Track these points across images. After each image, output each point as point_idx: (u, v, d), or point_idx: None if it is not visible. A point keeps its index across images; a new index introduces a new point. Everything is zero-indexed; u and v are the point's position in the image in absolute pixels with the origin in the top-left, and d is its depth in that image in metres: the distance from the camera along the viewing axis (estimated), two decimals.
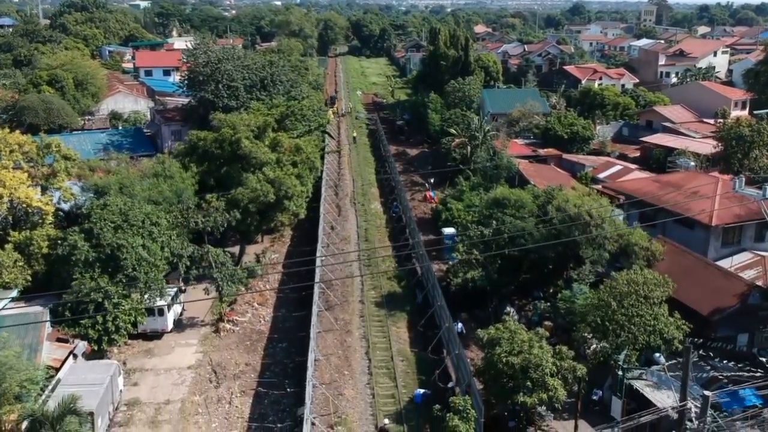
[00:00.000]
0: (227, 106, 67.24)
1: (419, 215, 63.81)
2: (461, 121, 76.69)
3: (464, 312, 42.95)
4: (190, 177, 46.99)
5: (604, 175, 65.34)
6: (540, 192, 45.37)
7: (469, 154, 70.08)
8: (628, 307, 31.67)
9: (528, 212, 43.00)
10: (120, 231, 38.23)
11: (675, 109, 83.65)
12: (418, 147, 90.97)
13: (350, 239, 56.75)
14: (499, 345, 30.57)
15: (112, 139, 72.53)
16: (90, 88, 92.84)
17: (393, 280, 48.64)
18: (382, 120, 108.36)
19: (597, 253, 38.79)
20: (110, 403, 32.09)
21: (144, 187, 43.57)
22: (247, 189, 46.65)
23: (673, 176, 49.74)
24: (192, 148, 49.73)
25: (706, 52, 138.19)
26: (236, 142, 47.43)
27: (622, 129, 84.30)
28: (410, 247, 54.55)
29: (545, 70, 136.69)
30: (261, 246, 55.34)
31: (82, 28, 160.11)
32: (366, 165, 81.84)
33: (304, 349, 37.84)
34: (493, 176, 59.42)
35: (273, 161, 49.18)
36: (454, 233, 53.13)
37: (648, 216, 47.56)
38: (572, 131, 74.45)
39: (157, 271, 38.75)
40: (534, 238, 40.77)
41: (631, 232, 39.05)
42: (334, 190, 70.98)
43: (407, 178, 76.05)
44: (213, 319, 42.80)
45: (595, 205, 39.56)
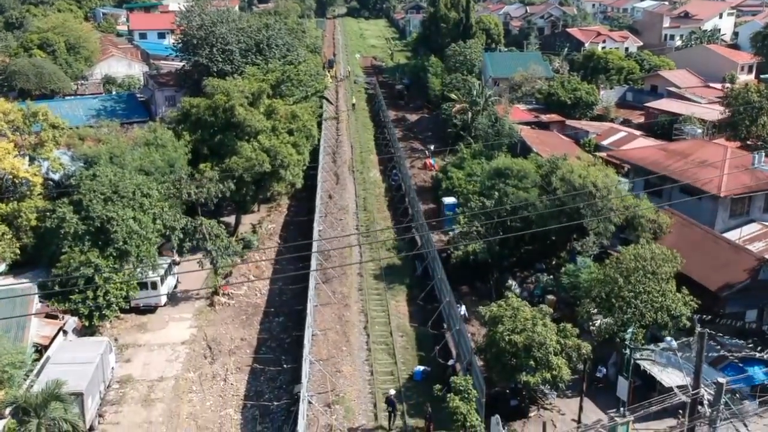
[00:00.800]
0: (222, 70, 65.38)
1: (419, 183, 62.47)
2: (462, 86, 74.91)
3: (465, 285, 42.00)
4: (183, 146, 45.56)
5: (607, 142, 63.93)
6: (543, 161, 44.04)
7: (470, 120, 68.46)
8: (635, 284, 30.63)
9: (531, 183, 41.73)
10: (110, 203, 37.03)
11: (680, 74, 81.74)
12: (417, 112, 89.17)
13: (348, 209, 55.55)
14: (501, 323, 29.59)
15: (104, 105, 70.89)
16: (83, 52, 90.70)
17: (392, 252, 47.58)
18: (381, 84, 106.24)
19: (602, 226, 37.62)
20: (101, 381, 31.22)
21: (135, 157, 42.21)
22: (242, 158, 45.32)
23: (680, 145, 48.36)
24: (184, 116, 48.21)
25: (711, 14, 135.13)
26: (230, 109, 45.89)
27: (626, 94, 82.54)
28: (410, 217, 53.38)
29: (547, 32, 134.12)
30: (257, 216, 54.15)
31: None
32: (365, 131, 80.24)
33: (301, 324, 36.92)
34: (494, 144, 58.02)
35: (268, 129, 47.73)
36: (455, 203, 51.93)
37: (654, 186, 46.37)
38: (576, 97, 72.80)
39: (149, 244, 37.63)
40: (537, 210, 39.61)
41: (638, 204, 37.83)
42: (332, 158, 69.54)
43: (407, 145, 74.51)
44: (208, 293, 41.77)
45: (600, 176, 38.24)
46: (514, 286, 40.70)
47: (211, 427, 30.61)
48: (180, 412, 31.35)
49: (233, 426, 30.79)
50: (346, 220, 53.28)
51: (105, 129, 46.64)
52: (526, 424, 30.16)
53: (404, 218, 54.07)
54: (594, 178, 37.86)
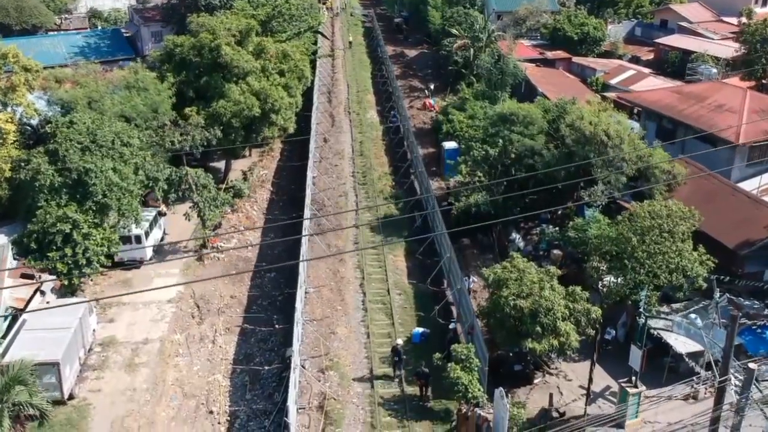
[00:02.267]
0: (210, 4, 61.71)
1: (418, 125, 59.74)
2: (464, 21, 71.14)
3: (466, 237, 39.98)
4: (167, 89, 42.70)
5: (616, 81, 61.01)
6: (551, 105, 41.35)
7: (472, 57, 65.15)
8: (649, 243, 28.55)
9: (537, 129, 39.15)
10: (88, 152, 34.53)
11: (692, 7, 77.85)
12: (417, 47, 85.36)
13: (344, 153, 53.03)
14: (506, 286, 27.63)
15: (88, 42, 67.38)
16: None
17: (390, 201, 45.39)
18: (379, 17, 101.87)
19: (614, 177, 35.32)
20: (81, 347, 29.49)
21: (115, 102, 39.44)
22: (230, 102, 42.60)
23: (695, 87, 45.59)
24: (168, 56, 45.14)
25: None
26: (216, 48, 42.84)
27: (635, 29, 78.82)
28: (408, 162, 50.96)
29: None
30: (249, 161, 51.69)
31: None
32: (361, 68, 76.85)
33: (293, 279, 34.99)
34: (498, 83, 55.09)
35: (258, 70, 44.80)
36: (456, 148, 49.44)
37: (667, 131, 43.93)
38: (583, 32, 69.26)
39: (131, 197, 35.33)
40: (544, 159, 37.22)
41: (651, 153, 35.44)
42: (328, 98, 66.51)
43: (405, 83, 71.27)
44: (196, 245, 39.77)
45: (612, 123, 35.73)
46: (517, 239, 38.73)
47: (198, 394, 29.01)
48: (165, 378, 29.72)
49: (221, 393, 29.21)
50: (341, 165, 50.87)
51: (83, 70, 43.54)
52: (531, 391, 28.55)
53: (403, 163, 51.67)
54: (605, 125, 35.35)
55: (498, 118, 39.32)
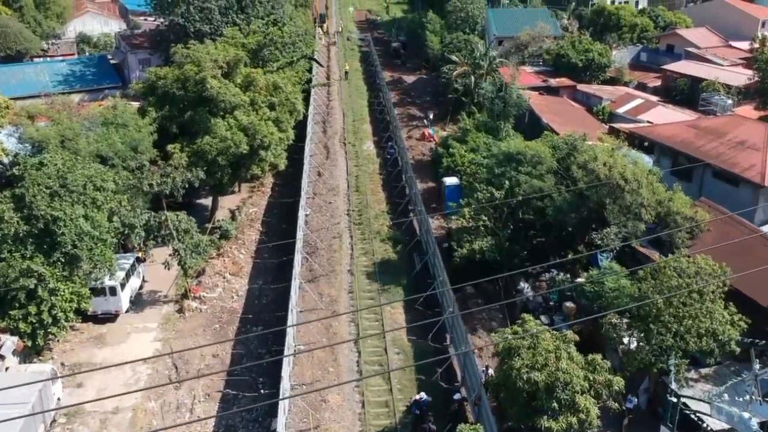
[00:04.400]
0: (199, 31, 59.15)
1: (417, 157, 56.97)
2: (464, 47, 68.70)
3: (470, 285, 36.93)
4: (148, 124, 39.88)
5: (623, 110, 58.46)
6: (559, 142, 38.53)
7: (473, 84, 62.60)
8: (677, 306, 25.58)
9: (546, 168, 36.30)
10: (57, 198, 31.54)
11: (699, 32, 75.50)
12: (415, 73, 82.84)
13: (339, 189, 50.07)
14: (518, 355, 24.60)
15: (73, 70, 64.74)
16: (54, 9, 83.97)
17: (387, 243, 42.36)
18: (376, 41, 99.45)
19: (632, 225, 32.40)
20: (41, 422, 26.34)
21: (91, 140, 36.54)
22: (216, 138, 39.78)
23: (712, 121, 42.83)
24: (150, 89, 42.36)
25: None
26: (201, 81, 40.09)
27: (640, 54, 76.44)
28: (407, 198, 48.04)
29: None
30: (238, 197, 48.80)
31: None
32: (358, 96, 74.15)
33: (282, 334, 31.90)
34: (500, 113, 52.40)
35: (246, 104, 42.01)
36: (458, 184, 46.63)
37: (683, 168, 41.11)
38: (587, 58, 66.78)
39: (104, 246, 32.27)
40: (554, 202, 34.32)
41: (671, 198, 32.53)
42: (322, 127, 63.74)
43: (403, 111, 68.63)
44: (177, 295, 36.71)
45: (628, 164, 32.88)
46: (526, 289, 35.72)
47: None
48: None
49: None
50: (336, 203, 47.89)
51: (59, 104, 40.68)
52: None
53: (401, 199, 48.76)
54: (621, 167, 32.50)
55: (504, 158, 36.45)
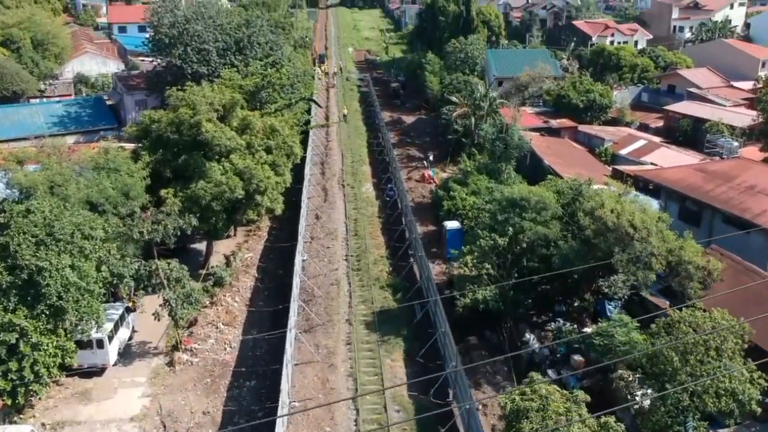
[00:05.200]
0: (197, 72, 58.54)
1: (416, 199, 55.92)
2: (464, 88, 68.20)
3: (473, 335, 35.57)
4: (141, 169, 38.84)
5: (626, 152, 57.60)
6: (564, 187, 37.44)
7: (473, 126, 61.90)
8: (694, 365, 24.17)
9: (551, 214, 35.13)
10: (43, 247, 30.26)
11: (700, 73, 75.16)
12: (414, 113, 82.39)
13: (337, 233, 48.87)
14: (526, 418, 23.12)
15: (68, 111, 63.97)
16: (52, 49, 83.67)
17: (387, 290, 40.97)
18: (376, 81, 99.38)
19: (642, 274, 31.11)
20: None
21: (81, 186, 35.42)
22: (210, 183, 38.70)
23: (720, 165, 41.86)
24: (144, 132, 41.43)
25: (722, 5, 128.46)
26: (196, 125, 39.15)
27: (642, 94, 75.99)
28: (407, 243, 46.78)
29: (550, 24, 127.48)
30: (233, 242, 47.55)
31: None
32: (357, 136, 73.44)
33: (276, 389, 30.35)
34: (502, 155, 51.45)
35: (242, 147, 41.02)
36: (459, 228, 45.48)
37: (691, 213, 39.99)
38: (588, 99, 66.20)
39: (91, 298, 30.88)
40: (561, 250, 33.07)
41: (683, 247, 31.29)
42: (321, 168, 62.85)
43: (402, 152, 67.85)
44: (168, 347, 35.21)
45: (636, 211, 31.70)
46: (532, 340, 34.27)
47: None
48: None
49: None
50: (334, 247, 46.63)
51: (49, 148, 39.63)
52: None
53: (401, 243, 47.50)
54: (630, 214, 31.32)
55: (507, 203, 35.30)
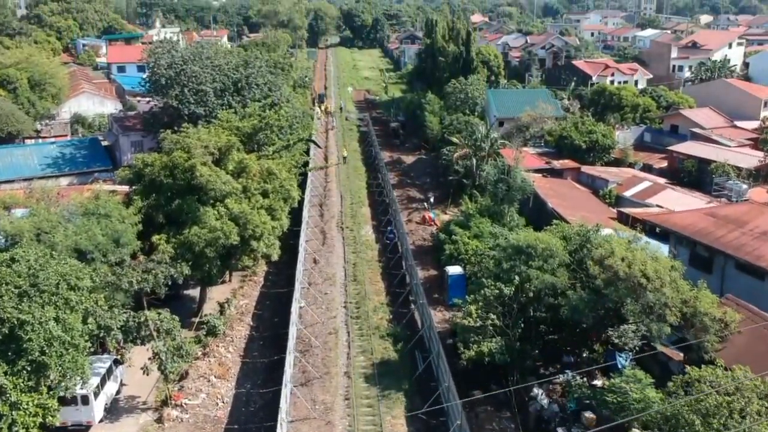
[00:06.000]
0: (194, 113, 57.82)
1: (417, 242, 54.60)
2: (464, 128, 67.41)
3: (478, 389, 33.83)
4: (133, 214, 37.57)
5: (630, 194, 56.39)
6: (571, 232, 36.10)
7: (475, 167, 60.95)
8: (718, 428, 22.55)
9: (558, 262, 33.72)
10: (26, 299, 28.77)
11: (703, 113, 74.42)
12: (414, 153, 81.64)
13: (336, 279, 47.40)
14: None
15: (63, 152, 63.04)
16: (49, 89, 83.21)
17: (387, 340, 39.34)
18: (375, 120, 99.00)
19: (655, 327, 29.62)
20: None
21: (69, 233, 34.08)
22: (204, 228, 37.36)
23: (731, 209, 40.62)
24: (137, 176, 40.27)
25: (720, 44, 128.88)
26: (190, 169, 37.99)
27: (644, 134, 75.14)
28: (408, 289, 45.30)
29: (549, 64, 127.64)
30: (228, 287, 46.04)
31: (56, 19, 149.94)
32: (356, 177, 72.46)
33: None
34: (504, 198, 50.22)
35: (238, 191, 39.82)
36: (462, 273, 44.06)
37: (702, 259, 38.60)
38: (591, 140, 65.27)
39: (76, 352, 29.27)
40: (570, 301, 31.60)
41: (698, 297, 29.85)
42: (319, 210, 61.66)
43: (402, 193, 66.80)
44: (157, 402, 33.48)
45: (648, 260, 30.33)
46: (540, 396, 32.54)
47: None
48: None
49: None
50: (332, 294, 45.14)
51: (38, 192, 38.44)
52: None
53: (401, 289, 46.03)
54: (641, 263, 29.94)
55: (513, 251, 33.92)
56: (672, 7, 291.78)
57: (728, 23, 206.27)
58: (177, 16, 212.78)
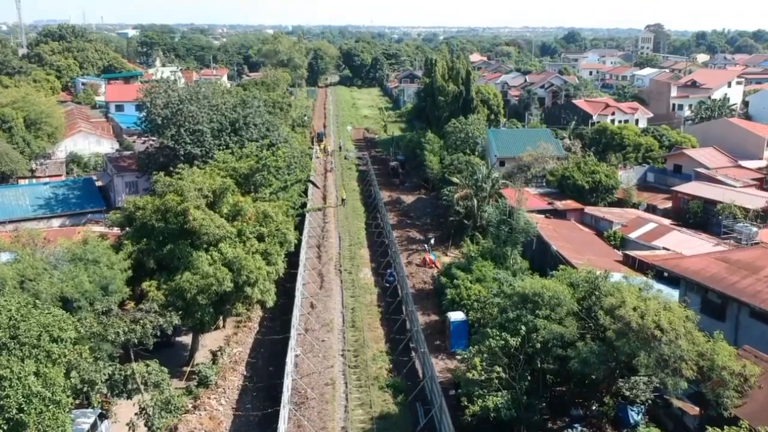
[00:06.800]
0: (190, 153, 56.86)
1: (417, 285, 53.09)
2: (465, 168, 66.44)
3: None
4: (122, 259, 36.14)
5: (636, 236, 55.10)
6: (578, 279, 34.61)
7: (476, 208, 59.80)
8: None
9: (566, 312, 32.20)
10: (5, 352, 27.18)
11: (707, 152, 73.53)
12: (413, 192, 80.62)
13: (333, 325, 45.78)
14: None
15: (56, 192, 61.91)
16: (45, 128, 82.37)
17: (387, 391, 37.58)
18: (374, 159, 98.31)
19: (671, 382, 28.00)
20: None
21: (54, 280, 32.62)
22: (197, 274, 35.89)
23: (744, 254, 39.22)
24: (128, 220, 38.95)
25: (720, 83, 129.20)
26: (183, 212, 36.67)
27: (647, 174, 74.13)
28: (408, 336, 43.67)
29: (548, 103, 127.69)
30: (221, 334, 44.39)
31: (57, 58, 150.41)
32: (355, 217, 71.22)
33: None
34: (507, 240, 48.89)
35: (233, 235, 38.45)
36: (464, 319, 42.50)
37: (714, 306, 37.08)
38: (594, 180, 64.18)
39: (57, 408, 27.55)
40: (579, 353, 29.99)
41: (715, 349, 28.28)
42: (317, 252, 60.24)
43: (402, 234, 65.49)
44: None
45: (662, 310, 28.82)
46: None
47: None
48: None
49: None
50: (329, 341, 43.47)
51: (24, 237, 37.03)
52: None
53: (401, 335, 44.40)
54: (655, 314, 28.44)
55: (519, 299, 32.42)
56: (669, 46, 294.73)
57: (725, 62, 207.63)
58: (177, 55, 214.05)
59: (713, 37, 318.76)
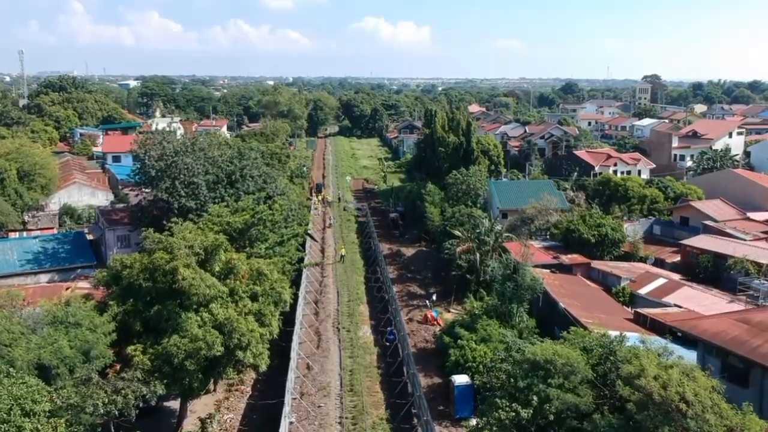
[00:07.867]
0: (184, 207, 55.19)
1: (419, 344, 50.75)
2: (467, 221, 64.67)
3: None
4: (106, 322, 34.00)
5: (645, 292, 53.04)
6: (593, 344, 32.44)
7: (479, 262, 57.80)
8: None
9: (580, 379, 29.97)
10: None
11: (714, 204, 71.89)
12: (414, 245, 78.76)
13: (330, 389, 43.31)
14: None
15: (45, 247, 59.95)
16: (39, 180, 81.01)
17: None
18: (373, 210, 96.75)
19: None
20: None
21: (32, 346, 30.44)
22: (185, 338, 33.67)
23: (766, 314, 37.14)
24: (114, 279, 36.93)
25: (721, 133, 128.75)
26: (172, 271, 34.69)
27: (653, 227, 72.35)
28: (410, 401, 41.22)
29: (548, 153, 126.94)
30: (212, 398, 41.96)
31: (56, 109, 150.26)
32: (354, 271, 69.14)
33: None
34: (513, 297, 46.84)
35: (224, 294, 36.38)
36: (469, 383, 40.20)
37: (736, 371, 34.83)
38: (600, 233, 62.34)
39: None
40: (597, 427, 27.66)
41: (746, 425, 26.00)
42: (314, 308, 58.00)
43: (402, 289, 63.36)
44: None
45: (685, 380, 26.63)
46: None
47: None
48: None
49: None
50: (326, 407, 40.97)
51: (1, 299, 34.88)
52: None
53: (403, 399, 41.95)
54: (678, 384, 26.25)
55: (530, 367, 30.22)
56: (666, 96, 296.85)
57: (723, 113, 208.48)
58: (177, 105, 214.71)
59: (710, 87, 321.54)
